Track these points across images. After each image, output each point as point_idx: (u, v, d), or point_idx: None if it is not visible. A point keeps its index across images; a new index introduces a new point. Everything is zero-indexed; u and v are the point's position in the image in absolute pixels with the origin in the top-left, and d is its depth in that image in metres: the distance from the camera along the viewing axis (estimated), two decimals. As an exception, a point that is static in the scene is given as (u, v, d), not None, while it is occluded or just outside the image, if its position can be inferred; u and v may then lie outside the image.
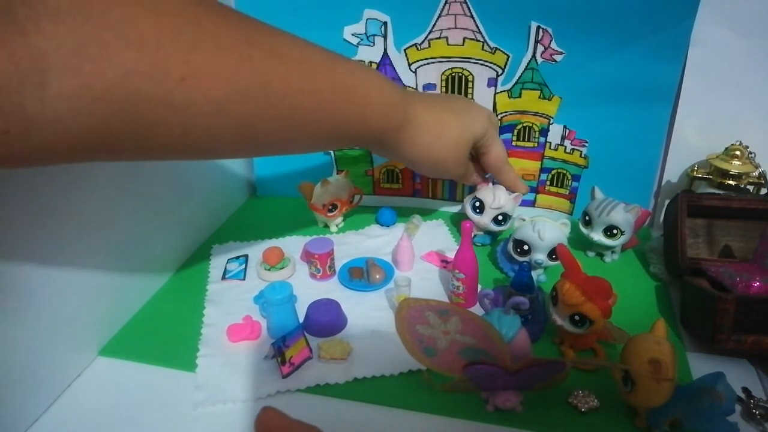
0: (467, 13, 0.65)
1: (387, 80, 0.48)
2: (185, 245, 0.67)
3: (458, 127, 0.54)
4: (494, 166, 0.61)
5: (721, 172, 0.63)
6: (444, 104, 0.54)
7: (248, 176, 0.82)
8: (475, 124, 0.56)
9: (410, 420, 0.44)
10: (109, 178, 0.51)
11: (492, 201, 0.62)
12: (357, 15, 0.66)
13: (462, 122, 0.54)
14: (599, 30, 0.61)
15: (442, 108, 0.53)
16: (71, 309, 0.47)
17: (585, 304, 0.45)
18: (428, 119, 0.51)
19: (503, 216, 0.63)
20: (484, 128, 0.56)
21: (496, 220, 0.64)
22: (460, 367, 0.41)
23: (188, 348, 0.51)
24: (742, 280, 0.51)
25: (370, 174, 0.77)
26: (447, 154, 0.54)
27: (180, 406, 0.45)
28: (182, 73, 0.31)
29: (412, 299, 0.41)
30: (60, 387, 0.47)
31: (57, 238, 0.45)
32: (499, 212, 0.63)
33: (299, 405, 0.45)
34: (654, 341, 0.39)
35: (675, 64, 0.62)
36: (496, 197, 0.62)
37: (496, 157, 0.60)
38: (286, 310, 0.52)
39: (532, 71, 0.66)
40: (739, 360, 0.49)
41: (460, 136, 0.54)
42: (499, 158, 0.61)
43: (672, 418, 0.40)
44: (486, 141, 0.58)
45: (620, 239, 0.61)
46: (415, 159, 0.53)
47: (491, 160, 0.61)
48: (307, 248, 0.61)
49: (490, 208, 0.63)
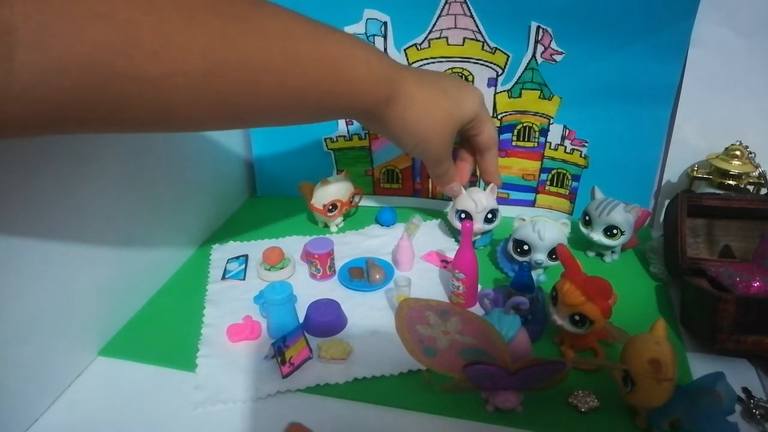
0: (467, 13, 0.65)
1: (376, 53, 0.47)
2: (185, 245, 0.67)
3: (448, 107, 0.53)
4: (485, 145, 0.60)
5: (721, 172, 0.63)
6: (436, 82, 0.53)
7: (248, 176, 0.82)
8: (466, 106, 0.55)
9: (410, 420, 0.44)
10: (110, 179, 0.51)
11: (476, 207, 0.62)
12: (357, 15, 0.66)
13: (452, 102, 0.53)
14: (599, 30, 0.61)
15: (433, 85, 0.52)
16: (71, 309, 0.47)
17: (585, 304, 0.45)
18: (419, 95, 0.50)
19: (491, 213, 0.64)
20: (474, 111, 0.56)
21: (486, 220, 0.64)
22: (460, 367, 0.41)
23: (188, 348, 0.51)
24: (742, 280, 0.51)
25: (370, 174, 0.77)
26: (434, 131, 0.53)
27: (180, 406, 0.45)
28: (154, 47, 0.30)
29: (412, 299, 0.41)
30: (60, 387, 0.47)
31: (57, 238, 0.45)
32: (486, 212, 0.63)
33: (299, 405, 0.45)
34: (654, 341, 0.39)
35: (675, 64, 0.62)
36: (477, 202, 0.62)
37: (488, 137, 0.59)
38: (286, 310, 0.52)
39: (532, 71, 0.66)
40: (739, 360, 0.49)
41: (449, 115, 0.53)
42: (490, 138, 0.60)
43: (672, 418, 0.40)
44: (476, 122, 0.57)
45: (620, 239, 0.61)
46: (401, 133, 0.52)
47: (483, 140, 0.60)
48: (307, 248, 0.61)
49: (477, 213, 0.63)
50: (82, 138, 0.47)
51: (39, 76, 0.27)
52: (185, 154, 0.65)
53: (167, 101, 0.33)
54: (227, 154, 0.76)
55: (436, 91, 0.52)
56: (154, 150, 0.58)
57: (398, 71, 0.49)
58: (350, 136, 0.75)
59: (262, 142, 0.78)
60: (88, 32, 0.28)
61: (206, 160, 0.70)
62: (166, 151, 0.60)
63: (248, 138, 0.79)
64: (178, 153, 0.63)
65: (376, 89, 0.46)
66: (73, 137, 0.46)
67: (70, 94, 0.29)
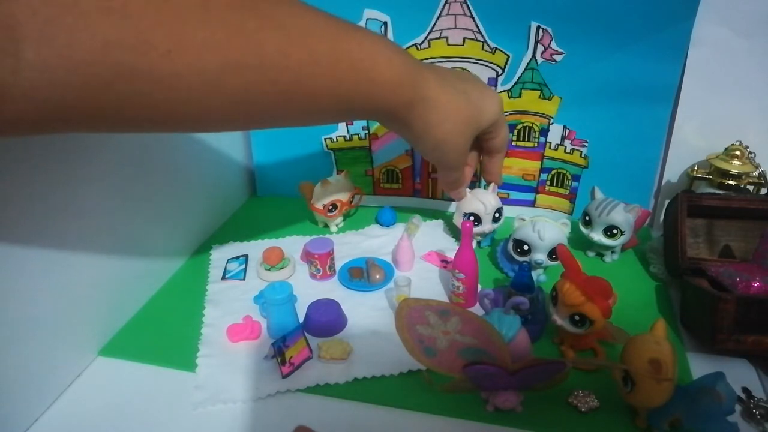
0: (467, 13, 0.65)
1: (398, 52, 0.45)
2: (185, 245, 0.67)
3: (470, 113, 0.52)
4: (496, 149, 0.60)
5: (721, 172, 0.63)
6: (458, 85, 0.51)
7: (248, 176, 0.82)
8: (487, 112, 0.54)
9: (410, 420, 0.44)
10: (110, 179, 0.51)
11: (485, 209, 0.63)
12: (357, 15, 0.66)
13: (474, 109, 0.52)
14: (599, 30, 0.61)
15: (455, 89, 0.50)
16: (71, 309, 0.47)
17: (585, 304, 0.45)
18: (442, 99, 0.48)
19: (497, 212, 0.64)
20: (494, 118, 0.55)
21: (494, 220, 0.64)
22: (460, 367, 0.41)
23: (188, 348, 0.51)
24: (742, 280, 0.51)
25: (370, 174, 0.77)
26: (452, 136, 0.51)
27: (180, 406, 0.45)
28: (168, 46, 0.29)
29: (412, 299, 0.41)
30: (60, 387, 0.47)
31: (57, 238, 0.45)
32: (494, 212, 0.64)
33: (299, 405, 0.45)
34: (654, 341, 0.39)
35: (675, 64, 0.62)
36: (486, 204, 0.62)
37: (501, 141, 0.59)
38: (286, 310, 0.52)
39: (532, 71, 0.66)
40: (739, 360, 0.49)
41: (470, 120, 0.52)
42: (503, 142, 0.59)
43: (672, 418, 0.40)
44: (494, 127, 0.56)
45: (620, 239, 0.61)
46: (420, 137, 0.50)
47: (496, 144, 0.59)
48: (307, 248, 0.61)
49: (486, 215, 0.63)
50: (83, 138, 0.47)
51: (46, 74, 0.26)
52: (186, 154, 0.65)
53: (180, 101, 0.32)
54: (227, 155, 0.76)
55: (458, 95, 0.50)
56: (154, 150, 0.58)
57: (420, 73, 0.47)
58: (350, 136, 0.75)
59: (262, 142, 0.78)
60: (98, 28, 0.26)
61: (206, 160, 0.70)
62: (166, 151, 0.60)
63: (249, 138, 0.79)
64: (179, 153, 0.63)
65: (398, 92, 0.45)
66: (73, 138, 0.46)
67: (78, 92, 0.28)
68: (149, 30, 0.28)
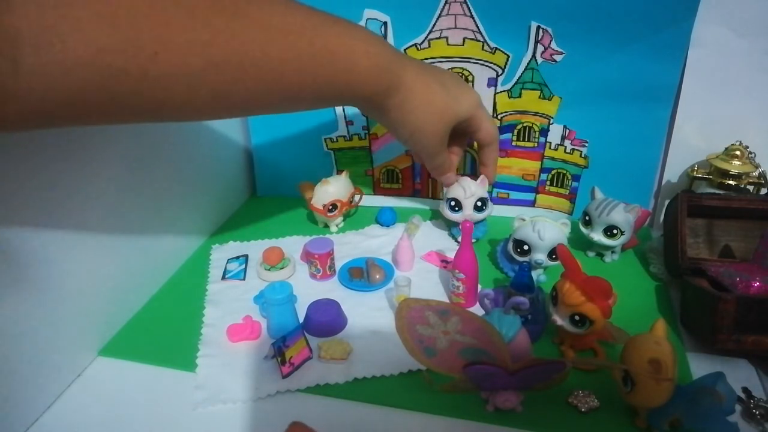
0: (467, 13, 0.65)
1: (377, 42, 0.47)
2: (185, 245, 0.67)
3: (446, 101, 0.53)
4: (484, 141, 0.62)
5: (721, 172, 0.63)
6: (436, 75, 0.54)
7: (248, 176, 0.82)
8: (462, 103, 0.56)
9: (410, 420, 0.44)
10: (110, 180, 0.51)
11: (464, 193, 0.63)
12: (357, 15, 0.66)
13: (450, 97, 0.54)
14: (599, 30, 0.61)
15: (433, 78, 0.53)
16: (71, 309, 0.47)
17: (585, 304, 0.45)
18: (418, 86, 0.51)
19: (481, 201, 0.64)
20: (471, 108, 0.57)
21: (476, 208, 0.64)
22: (460, 367, 0.41)
23: (188, 348, 0.51)
24: (742, 280, 0.51)
25: (370, 174, 0.77)
26: (429, 124, 0.53)
27: (180, 406, 0.45)
28: (155, 48, 0.31)
29: (412, 299, 0.41)
30: (60, 387, 0.47)
31: (57, 238, 0.45)
32: (475, 199, 0.64)
33: (299, 405, 0.45)
34: (654, 341, 0.39)
35: (675, 64, 0.62)
36: (466, 189, 0.63)
37: (486, 134, 0.61)
38: (286, 310, 0.52)
39: (532, 71, 0.66)
40: (739, 360, 0.49)
41: (445, 109, 0.54)
42: (488, 135, 0.61)
43: (672, 418, 0.40)
44: (474, 120, 0.58)
45: (620, 239, 0.61)
46: (397, 123, 0.52)
47: (482, 137, 0.61)
48: (307, 248, 0.61)
49: (466, 200, 0.63)
50: (82, 138, 0.47)
51: (44, 78, 0.28)
52: (185, 154, 0.65)
53: (166, 97, 0.34)
54: (227, 155, 0.76)
55: (435, 84, 0.52)
56: (154, 150, 0.58)
57: (399, 61, 0.49)
58: (350, 136, 0.75)
59: (262, 142, 0.78)
60: (90, 35, 0.29)
61: (206, 160, 0.70)
62: (166, 151, 0.60)
63: (248, 138, 0.79)
64: (178, 153, 0.63)
65: (375, 81, 0.47)
66: (72, 138, 0.46)
67: (73, 92, 0.30)
68: (137, 35, 0.31)
